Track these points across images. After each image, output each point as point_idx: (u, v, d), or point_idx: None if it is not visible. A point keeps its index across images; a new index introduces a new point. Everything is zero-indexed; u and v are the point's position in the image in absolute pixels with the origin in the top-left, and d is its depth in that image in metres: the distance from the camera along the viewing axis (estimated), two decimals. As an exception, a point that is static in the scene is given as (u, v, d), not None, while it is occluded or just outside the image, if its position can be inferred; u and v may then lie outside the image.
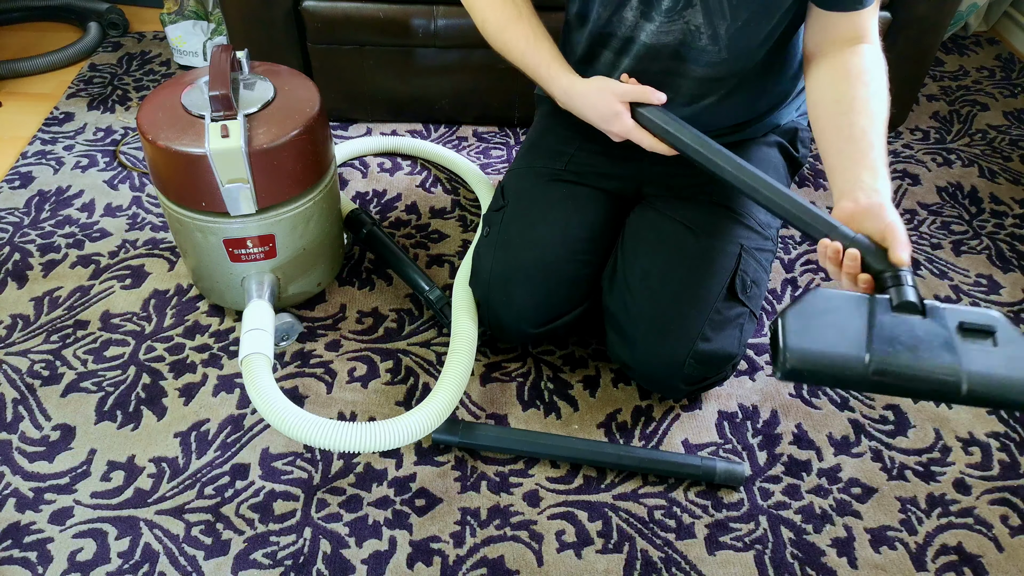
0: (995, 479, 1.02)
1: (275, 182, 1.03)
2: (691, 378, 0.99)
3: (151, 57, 1.85)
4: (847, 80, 0.85)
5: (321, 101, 1.08)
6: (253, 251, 1.09)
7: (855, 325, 0.69)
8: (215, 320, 1.21)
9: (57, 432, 1.05)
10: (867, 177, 0.78)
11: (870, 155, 0.80)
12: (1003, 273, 1.33)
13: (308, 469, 1.02)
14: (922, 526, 0.97)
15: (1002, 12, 1.98)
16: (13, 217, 1.40)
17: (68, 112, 1.66)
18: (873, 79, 0.85)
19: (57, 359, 1.15)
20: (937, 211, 1.46)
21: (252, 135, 0.99)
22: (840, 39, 0.88)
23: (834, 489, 1.01)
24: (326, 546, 0.94)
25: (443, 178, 1.50)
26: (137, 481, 1.00)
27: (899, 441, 1.07)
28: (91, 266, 1.30)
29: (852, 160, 0.81)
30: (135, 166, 1.52)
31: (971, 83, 1.81)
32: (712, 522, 0.97)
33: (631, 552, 0.94)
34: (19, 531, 0.95)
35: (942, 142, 1.63)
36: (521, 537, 0.95)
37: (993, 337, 0.67)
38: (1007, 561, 0.94)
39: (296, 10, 1.46)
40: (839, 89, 0.86)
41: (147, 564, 0.92)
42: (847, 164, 0.81)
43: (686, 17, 0.91)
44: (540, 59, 0.98)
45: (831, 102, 0.86)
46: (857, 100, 0.83)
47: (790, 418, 1.09)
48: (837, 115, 0.85)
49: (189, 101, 1.03)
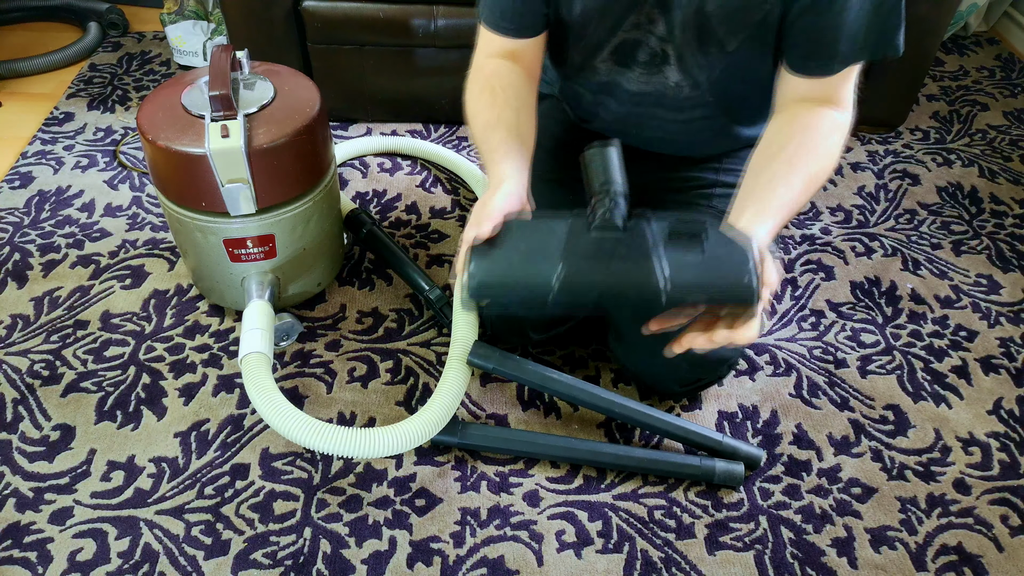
0: (995, 479, 1.02)
1: (275, 182, 1.03)
2: (685, 380, 1.02)
3: (151, 57, 1.85)
4: (787, 129, 0.82)
5: (321, 101, 1.08)
6: (253, 251, 1.09)
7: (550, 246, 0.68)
8: (215, 320, 1.21)
9: (57, 432, 1.05)
10: (749, 213, 0.75)
11: (768, 201, 0.77)
12: (1003, 273, 1.33)
13: (308, 469, 1.02)
14: (922, 526, 0.97)
15: (1002, 12, 1.98)
16: (13, 217, 1.40)
17: (68, 112, 1.66)
18: (816, 139, 0.81)
19: (57, 359, 1.15)
20: (937, 211, 1.46)
21: (252, 135, 0.99)
22: (805, 99, 0.84)
23: (834, 489, 1.01)
24: (326, 546, 0.94)
25: (443, 178, 1.50)
26: (137, 481, 1.00)
27: (899, 441, 1.07)
28: (91, 266, 1.30)
29: (747, 197, 0.78)
30: (135, 166, 1.52)
31: (971, 83, 1.81)
32: (712, 522, 0.97)
33: (631, 552, 0.94)
34: (19, 531, 0.95)
35: (942, 142, 1.63)
36: (521, 537, 0.95)
37: (701, 241, 0.67)
38: (1007, 561, 0.94)
39: (296, 10, 1.46)
40: (777, 135, 0.83)
41: (147, 564, 0.92)
42: (742, 200, 0.78)
43: (665, 72, 0.90)
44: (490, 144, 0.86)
45: (764, 144, 0.83)
46: (785, 149, 0.80)
47: (790, 418, 1.09)
48: (760, 155, 0.82)
49: (189, 101, 1.03)
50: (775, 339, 1.20)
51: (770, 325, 1.22)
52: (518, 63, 0.91)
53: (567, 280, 0.66)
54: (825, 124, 0.82)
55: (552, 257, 0.67)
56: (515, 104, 0.88)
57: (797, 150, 0.80)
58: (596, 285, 0.67)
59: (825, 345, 1.20)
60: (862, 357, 1.18)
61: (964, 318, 1.24)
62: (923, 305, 1.27)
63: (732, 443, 1.02)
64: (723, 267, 0.66)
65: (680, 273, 0.66)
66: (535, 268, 0.68)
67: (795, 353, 1.18)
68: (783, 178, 0.78)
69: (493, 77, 0.90)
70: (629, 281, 0.66)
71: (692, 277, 0.66)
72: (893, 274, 1.32)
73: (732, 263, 0.66)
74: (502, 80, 0.90)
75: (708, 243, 0.67)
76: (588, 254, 0.68)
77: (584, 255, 0.68)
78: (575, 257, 0.67)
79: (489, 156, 0.84)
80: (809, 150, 0.80)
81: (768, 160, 0.80)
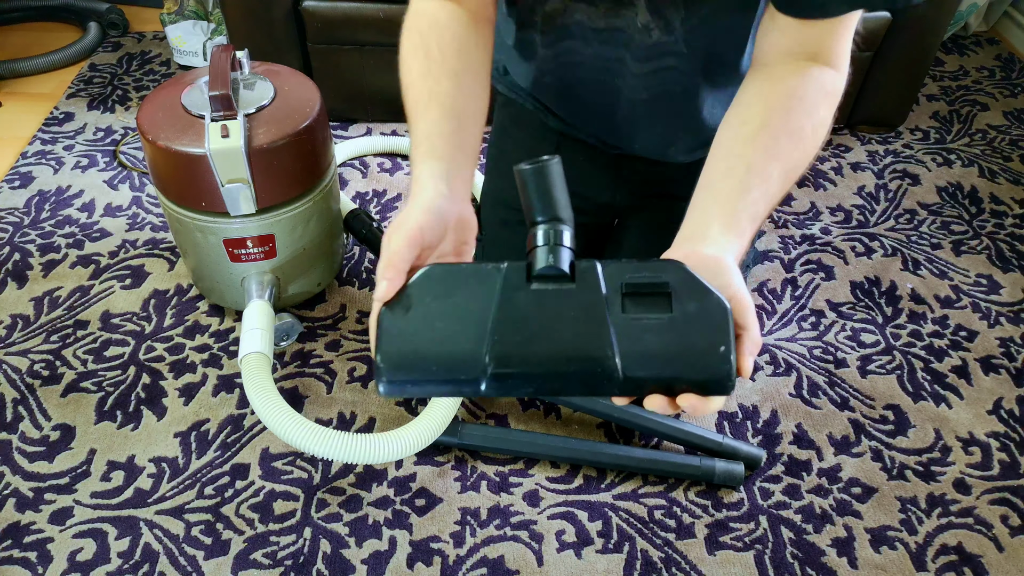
0: (995, 479, 1.02)
1: (275, 182, 1.03)
2: None
3: (151, 57, 1.85)
4: (767, 98, 0.63)
5: (321, 101, 1.08)
6: (253, 251, 1.09)
7: (478, 308, 0.50)
8: (215, 320, 1.21)
9: (57, 432, 1.05)
10: (716, 228, 0.57)
11: (737, 201, 0.58)
12: (1003, 273, 1.33)
13: (308, 469, 1.02)
14: (922, 526, 0.97)
15: (1002, 12, 1.98)
16: (13, 217, 1.40)
17: (68, 112, 1.66)
18: (801, 114, 0.63)
19: (57, 359, 1.15)
20: (937, 211, 1.46)
21: (252, 135, 0.99)
22: (792, 51, 0.66)
23: (834, 489, 1.01)
24: (326, 546, 0.94)
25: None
26: (137, 481, 1.00)
27: (899, 441, 1.07)
28: (91, 266, 1.30)
29: (714, 199, 0.59)
30: (135, 166, 1.52)
31: (971, 83, 1.81)
32: (712, 522, 0.97)
33: (631, 552, 0.94)
34: (19, 531, 0.95)
35: (942, 142, 1.63)
36: (521, 537, 0.95)
37: (668, 297, 0.49)
38: (1007, 561, 0.94)
39: (296, 10, 1.46)
40: (754, 106, 0.64)
41: (147, 564, 0.92)
42: (707, 203, 0.60)
43: (634, 7, 0.75)
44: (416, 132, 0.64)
45: (736, 118, 0.64)
46: (764, 129, 0.61)
47: (790, 418, 1.09)
48: (731, 136, 0.63)
49: (189, 101, 1.03)
50: (775, 339, 1.20)
51: (770, 325, 1.22)
52: (463, 4, 0.70)
53: (500, 360, 0.49)
54: (813, 91, 0.63)
55: (482, 323, 0.50)
56: (456, 68, 0.66)
57: (778, 131, 0.61)
58: (533, 360, 0.49)
59: (825, 345, 1.20)
60: (862, 357, 1.18)
61: (964, 318, 1.24)
62: (923, 305, 1.27)
63: (732, 444, 1.02)
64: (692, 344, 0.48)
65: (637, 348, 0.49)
66: (460, 342, 0.49)
67: (795, 353, 1.18)
68: (759, 171, 0.60)
69: (430, 32, 0.68)
70: (574, 355, 0.49)
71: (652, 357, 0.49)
72: (893, 274, 1.32)
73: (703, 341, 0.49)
74: (441, 35, 0.68)
75: (676, 303, 0.49)
76: (525, 315, 0.50)
77: (521, 317, 0.50)
78: (509, 322, 0.50)
79: (413, 150, 0.62)
80: (793, 131, 0.62)
81: (741, 144, 0.61)
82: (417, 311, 0.51)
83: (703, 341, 0.48)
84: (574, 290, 0.50)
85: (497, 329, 0.49)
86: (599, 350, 0.48)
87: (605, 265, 0.51)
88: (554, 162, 0.51)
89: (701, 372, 0.48)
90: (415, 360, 0.50)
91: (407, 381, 0.50)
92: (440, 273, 0.52)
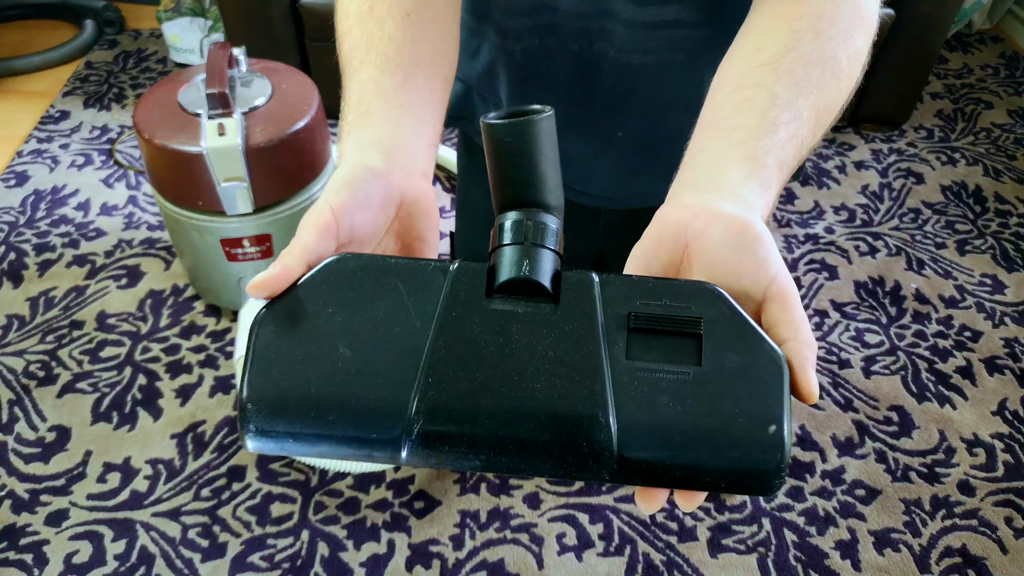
0: (999, 480, 1.02)
1: (272, 181, 1.02)
2: None
3: (147, 55, 1.84)
4: (790, 24, 0.46)
5: (319, 99, 1.07)
6: (250, 251, 1.08)
7: (406, 330, 0.33)
8: (211, 320, 1.20)
9: (53, 433, 1.04)
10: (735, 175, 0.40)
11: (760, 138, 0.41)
12: (1007, 273, 1.32)
13: (306, 471, 1.01)
14: (926, 528, 0.96)
15: (1006, 10, 1.97)
16: (8, 216, 1.39)
17: (64, 110, 1.65)
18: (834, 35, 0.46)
19: (53, 360, 1.14)
20: (941, 210, 1.45)
21: (249, 133, 0.98)
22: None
23: (838, 491, 1.00)
24: (324, 549, 0.93)
25: (443, 177, 1.49)
26: (133, 483, 0.99)
27: (903, 442, 1.06)
28: (87, 266, 1.29)
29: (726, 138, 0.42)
30: (131, 165, 1.51)
31: (975, 81, 1.80)
32: (714, 525, 0.96)
33: (632, 555, 0.93)
34: (15, 533, 0.94)
35: (946, 140, 1.62)
36: (521, 540, 0.94)
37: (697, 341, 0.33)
38: (1011, 563, 0.93)
39: (294, 7, 1.45)
40: (771, 35, 0.46)
41: (143, 567, 0.91)
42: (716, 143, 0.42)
43: None
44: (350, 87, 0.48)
45: (750, 50, 0.46)
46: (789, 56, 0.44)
47: (793, 419, 1.08)
48: (745, 62, 0.46)
49: (186, 99, 1.02)
50: (778, 339, 1.19)
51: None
52: None
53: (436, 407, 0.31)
54: (847, 13, 0.47)
55: (411, 352, 0.32)
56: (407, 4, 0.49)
57: (808, 57, 0.45)
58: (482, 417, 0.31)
59: (829, 345, 1.18)
60: (866, 358, 1.17)
61: (968, 318, 1.23)
62: (927, 305, 1.26)
63: None
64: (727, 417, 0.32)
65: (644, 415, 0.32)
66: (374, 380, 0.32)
67: (798, 353, 1.17)
68: (786, 104, 0.43)
69: None
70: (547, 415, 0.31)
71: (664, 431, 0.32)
72: (897, 274, 1.31)
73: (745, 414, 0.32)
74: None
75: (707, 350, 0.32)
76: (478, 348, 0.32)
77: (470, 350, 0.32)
78: (453, 356, 0.32)
79: (341, 120, 0.46)
80: (826, 59, 0.45)
81: (760, 72, 0.44)
82: (312, 324, 0.33)
83: (744, 414, 0.32)
84: (556, 316, 0.33)
85: (433, 365, 0.32)
86: (586, 411, 0.31)
87: (606, 281, 0.34)
88: (543, 117, 0.34)
89: (737, 461, 0.32)
90: (301, 403, 0.32)
91: (286, 434, 0.32)
92: (354, 268, 0.34)
